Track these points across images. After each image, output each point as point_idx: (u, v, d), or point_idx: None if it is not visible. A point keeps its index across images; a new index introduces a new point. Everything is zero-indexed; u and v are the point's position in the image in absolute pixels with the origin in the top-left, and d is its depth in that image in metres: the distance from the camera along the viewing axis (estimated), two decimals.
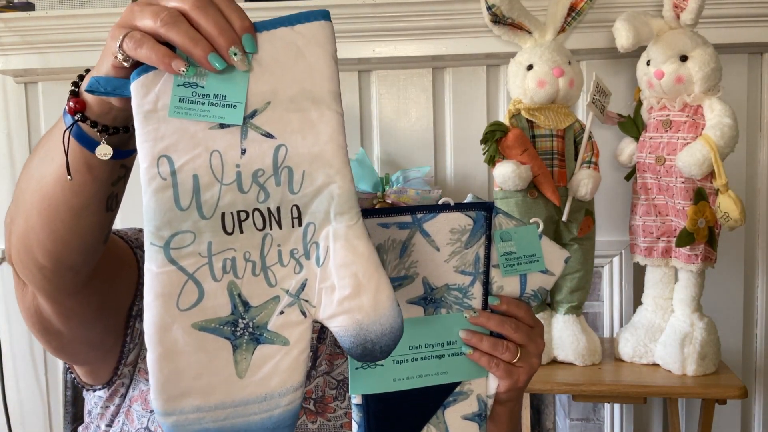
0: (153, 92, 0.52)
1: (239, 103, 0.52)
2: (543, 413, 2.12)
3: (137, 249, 0.88)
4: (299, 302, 0.56)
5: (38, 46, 1.78)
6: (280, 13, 2.00)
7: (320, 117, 0.55)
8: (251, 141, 0.53)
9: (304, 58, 0.54)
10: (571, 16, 1.61)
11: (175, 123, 0.52)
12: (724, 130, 1.46)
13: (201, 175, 0.53)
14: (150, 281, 0.53)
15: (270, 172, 0.54)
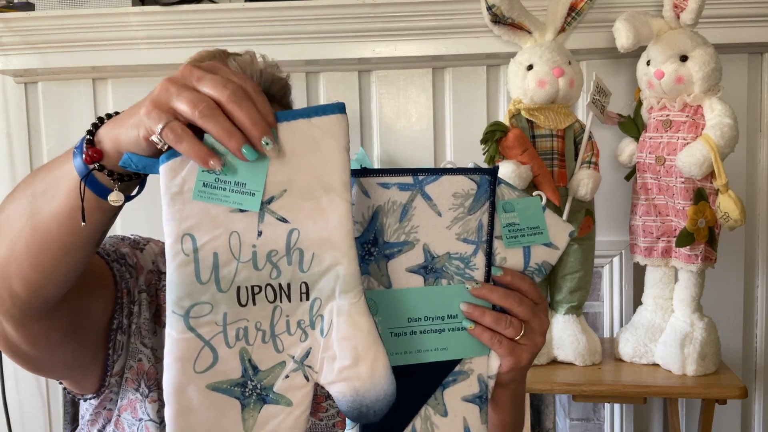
0: (180, 176, 0.57)
1: (257, 192, 0.58)
2: (543, 413, 2.12)
3: (114, 263, 0.87)
4: (303, 368, 0.61)
5: (38, 46, 1.78)
6: (280, 13, 1.98)
7: (330, 204, 0.59)
8: (267, 224, 0.59)
9: (320, 150, 0.58)
10: (571, 16, 1.61)
11: (199, 205, 0.58)
12: (724, 130, 1.46)
13: (220, 253, 0.58)
14: (170, 345, 0.59)
15: (283, 252, 0.59)
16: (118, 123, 0.61)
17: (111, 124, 0.62)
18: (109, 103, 1.88)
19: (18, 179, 1.92)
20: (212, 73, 0.57)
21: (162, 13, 1.74)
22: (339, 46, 1.77)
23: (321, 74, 1.85)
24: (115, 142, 0.60)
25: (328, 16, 1.73)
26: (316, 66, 1.83)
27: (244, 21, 1.73)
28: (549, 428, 2.10)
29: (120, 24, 1.74)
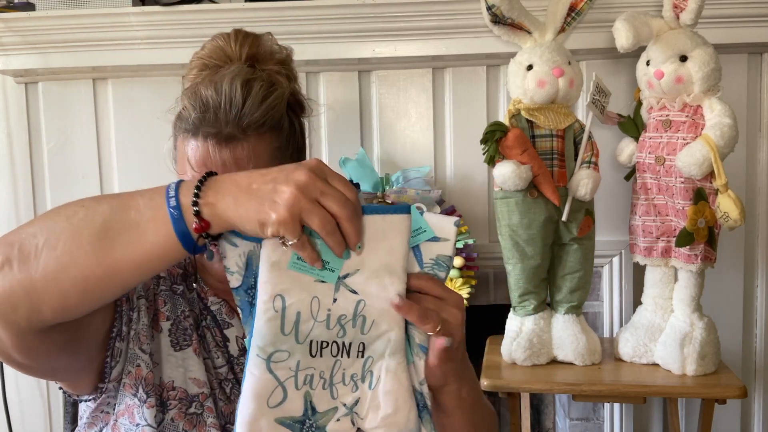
0: (280, 250, 0.72)
1: (337, 269, 0.73)
2: (543, 413, 2.12)
3: None
4: (352, 414, 0.74)
5: (38, 46, 1.78)
6: (280, 13, 1.98)
7: (391, 284, 0.74)
8: (341, 294, 0.74)
9: (387, 241, 0.74)
10: (570, 16, 1.61)
11: (292, 273, 0.72)
12: (724, 130, 1.46)
13: (302, 312, 0.73)
14: (251, 383, 0.72)
15: (350, 317, 0.74)
16: (234, 204, 0.69)
17: (222, 201, 0.69)
18: (109, 103, 1.88)
19: (18, 179, 1.92)
20: (326, 181, 0.69)
21: (162, 13, 1.74)
22: (339, 46, 1.77)
23: (321, 74, 1.85)
24: (227, 221, 0.69)
25: (328, 16, 1.73)
26: (316, 66, 1.83)
27: (244, 21, 1.73)
28: (549, 428, 2.10)
29: (120, 24, 1.75)
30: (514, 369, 1.60)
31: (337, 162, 1.81)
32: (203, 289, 1.00)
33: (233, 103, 0.87)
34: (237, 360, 0.98)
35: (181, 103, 0.92)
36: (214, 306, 0.99)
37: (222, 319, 0.99)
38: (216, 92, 0.87)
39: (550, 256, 1.63)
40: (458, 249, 1.82)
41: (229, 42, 0.94)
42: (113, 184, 1.91)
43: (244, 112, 0.88)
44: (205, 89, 0.88)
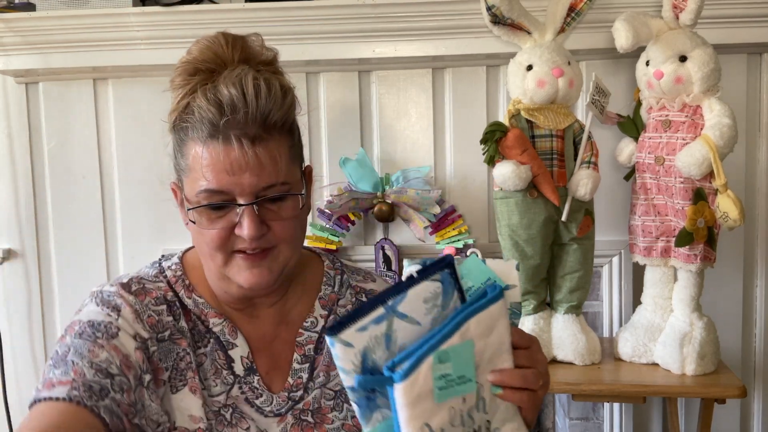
0: (417, 386, 0.71)
1: (472, 377, 0.74)
2: (542, 413, 2.12)
3: (101, 408, 0.83)
4: None
5: (39, 46, 1.78)
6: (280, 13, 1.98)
7: (501, 363, 0.77)
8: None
9: (497, 328, 0.75)
10: (570, 16, 1.62)
11: (431, 402, 0.72)
12: (724, 130, 1.47)
13: (446, 429, 0.74)
14: None
15: (474, 404, 0.76)
16: None
17: None
18: (109, 103, 1.88)
19: (19, 179, 1.92)
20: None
21: (162, 14, 1.74)
22: (339, 47, 1.77)
23: (321, 74, 1.85)
24: None
25: (328, 16, 1.73)
26: (316, 66, 1.83)
27: (244, 21, 1.73)
28: (548, 428, 2.10)
29: (120, 24, 1.75)
30: None
31: (338, 162, 1.82)
32: (203, 311, 0.98)
33: (259, 102, 0.86)
34: (244, 379, 0.97)
35: (187, 108, 0.89)
36: (216, 327, 0.97)
37: (226, 339, 0.97)
38: (239, 92, 0.86)
39: (549, 256, 1.63)
40: (458, 249, 1.83)
41: (220, 44, 0.91)
42: (113, 184, 1.91)
43: (270, 111, 0.87)
44: (227, 89, 0.86)
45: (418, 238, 1.85)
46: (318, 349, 1.01)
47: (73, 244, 1.93)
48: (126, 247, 1.92)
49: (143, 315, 0.93)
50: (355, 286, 1.07)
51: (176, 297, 0.97)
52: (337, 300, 1.05)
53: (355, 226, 1.86)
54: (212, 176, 0.87)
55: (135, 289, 0.95)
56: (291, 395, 0.99)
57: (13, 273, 1.96)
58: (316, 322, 1.02)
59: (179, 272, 0.99)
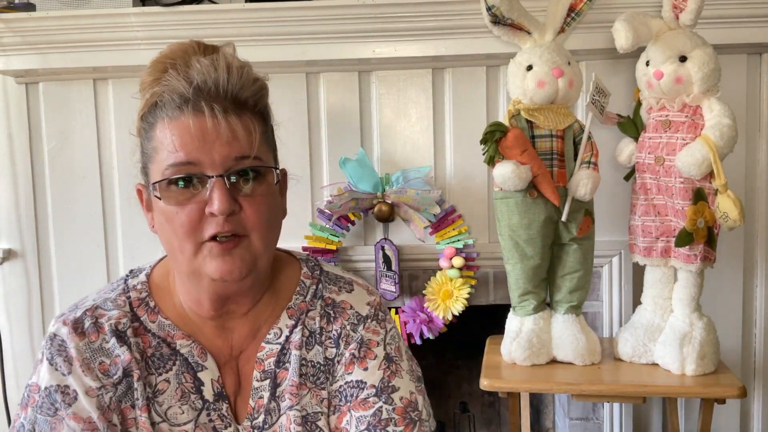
0: None
1: None
2: (542, 413, 2.12)
3: None
4: None
5: (39, 46, 1.78)
6: (280, 13, 1.98)
7: None
8: None
9: None
10: (570, 16, 1.62)
11: None
12: (723, 131, 1.47)
13: None
14: None
15: None
16: None
17: None
18: (109, 104, 1.88)
19: (19, 179, 1.92)
20: None
21: (162, 14, 1.74)
22: (339, 47, 1.77)
23: (321, 75, 1.85)
24: None
25: (328, 16, 1.73)
26: (316, 66, 1.83)
27: (244, 21, 1.73)
28: (548, 428, 2.10)
29: (120, 24, 1.75)
30: (513, 369, 1.60)
31: (338, 162, 1.82)
32: (169, 333, 0.93)
33: (230, 77, 0.84)
34: (213, 405, 0.92)
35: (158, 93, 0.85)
36: (184, 349, 0.93)
37: (195, 361, 0.93)
38: (210, 66, 0.84)
39: (549, 256, 1.63)
40: (458, 249, 1.83)
41: (191, 46, 0.88)
42: (113, 184, 1.91)
43: (242, 88, 0.85)
44: (199, 65, 0.84)
45: (418, 238, 1.86)
46: (279, 362, 0.95)
47: (73, 244, 1.93)
48: (126, 247, 1.92)
49: (94, 362, 0.90)
50: (327, 298, 0.99)
51: (137, 320, 0.93)
52: (307, 310, 0.97)
53: (355, 226, 1.86)
54: (180, 147, 0.83)
55: (87, 327, 0.91)
56: (254, 423, 0.93)
57: (13, 273, 1.96)
58: (280, 333, 0.95)
59: (144, 293, 0.95)
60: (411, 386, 0.96)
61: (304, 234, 1.85)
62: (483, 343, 1.79)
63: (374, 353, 0.95)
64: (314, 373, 0.95)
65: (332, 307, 0.98)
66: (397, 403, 0.93)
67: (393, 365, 0.96)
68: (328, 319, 0.97)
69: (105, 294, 0.96)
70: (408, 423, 0.93)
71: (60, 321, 0.93)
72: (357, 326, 0.96)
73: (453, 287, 1.82)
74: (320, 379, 0.95)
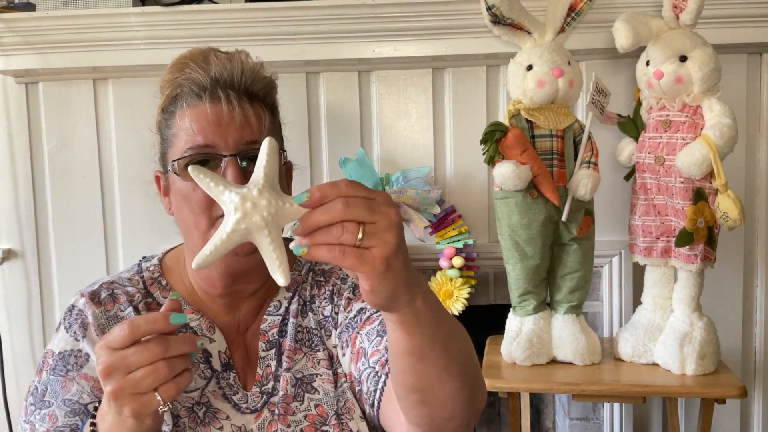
0: None
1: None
2: (542, 413, 2.12)
3: None
4: None
5: (39, 46, 1.78)
6: (280, 13, 1.99)
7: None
8: None
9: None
10: (570, 16, 1.62)
11: None
12: (724, 130, 1.47)
13: None
14: None
15: None
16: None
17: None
18: (109, 103, 1.88)
19: (19, 179, 1.92)
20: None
21: (162, 14, 1.74)
22: (339, 47, 1.77)
23: (321, 74, 1.85)
24: None
25: (328, 16, 1.73)
26: (316, 66, 1.83)
27: (244, 21, 1.73)
28: (548, 428, 2.10)
29: (120, 24, 1.75)
30: (514, 369, 1.60)
31: (338, 162, 1.82)
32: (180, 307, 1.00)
33: (245, 70, 0.94)
34: (221, 375, 0.98)
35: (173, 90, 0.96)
36: (193, 323, 0.99)
37: (203, 334, 0.99)
38: (226, 59, 0.94)
39: (549, 256, 1.63)
40: (458, 249, 1.83)
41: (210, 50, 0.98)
42: (113, 184, 1.91)
43: (255, 80, 0.95)
44: (215, 58, 0.94)
45: (418, 238, 1.85)
46: (282, 332, 1.02)
47: (73, 244, 1.93)
48: (126, 247, 1.92)
49: (108, 329, 0.95)
50: (317, 269, 1.09)
51: (150, 297, 1.00)
52: (301, 282, 1.07)
53: None
54: (199, 131, 0.92)
55: (103, 297, 0.99)
56: (263, 389, 0.99)
57: (13, 273, 1.96)
58: (279, 305, 1.04)
59: (156, 273, 1.03)
60: None
61: None
62: (483, 343, 1.79)
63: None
64: (309, 338, 1.03)
65: (322, 274, 1.08)
66: None
67: None
68: (318, 285, 1.07)
69: (120, 274, 1.04)
70: None
71: (78, 294, 1.00)
72: (346, 279, 1.06)
73: (453, 287, 1.82)
74: (314, 342, 1.03)
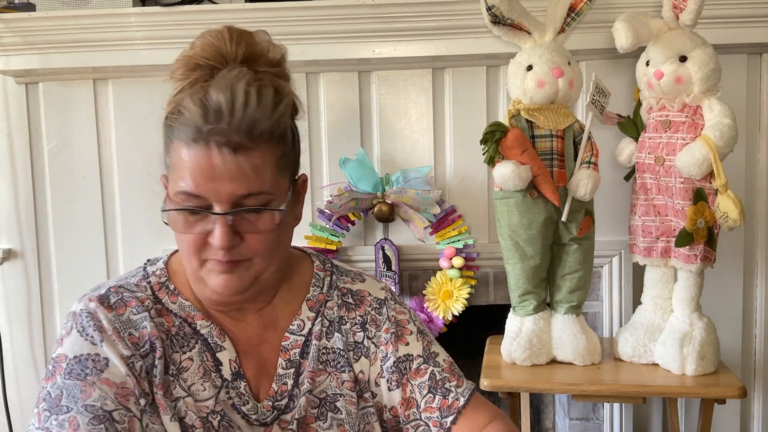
0: None
1: None
2: (543, 413, 2.12)
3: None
4: None
5: (39, 46, 1.78)
6: (280, 13, 1.99)
7: None
8: None
9: None
10: (570, 16, 1.62)
11: None
12: (724, 131, 1.47)
13: None
14: None
15: None
16: None
17: None
18: (109, 104, 1.88)
19: (19, 179, 1.92)
20: None
21: (162, 14, 1.74)
22: (339, 47, 1.77)
23: (321, 74, 1.85)
24: None
25: (328, 16, 1.73)
26: (316, 66, 1.83)
27: (244, 21, 1.73)
28: (548, 428, 2.10)
29: (120, 24, 1.75)
30: (514, 369, 1.60)
31: (338, 162, 1.82)
32: (189, 314, 0.96)
33: (247, 111, 0.83)
34: (231, 384, 0.96)
35: (176, 106, 0.87)
36: (204, 329, 0.96)
37: (214, 342, 0.96)
38: (228, 99, 0.83)
39: (549, 256, 1.63)
40: (458, 249, 1.83)
41: (224, 40, 0.88)
42: (113, 184, 1.91)
43: (258, 121, 0.83)
44: (216, 94, 0.83)
45: (418, 239, 1.86)
46: (304, 353, 0.99)
47: (73, 244, 1.93)
48: (126, 247, 1.92)
49: (123, 333, 0.91)
50: (342, 288, 1.05)
51: (159, 303, 0.96)
52: (325, 301, 1.03)
53: (355, 226, 1.86)
54: (191, 179, 0.84)
55: (114, 302, 0.93)
56: (276, 404, 0.97)
57: (13, 273, 1.96)
58: (303, 325, 1.01)
59: (163, 278, 0.98)
60: (443, 350, 1.08)
61: (304, 234, 1.85)
62: (483, 343, 1.79)
63: (409, 329, 1.05)
64: (334, 358, 1.01)
65: (350, 295, 1.05)
66: (443, 365, 1.04)
67: (426, 337, 1.06)
68: (347, 307, 1.04)
69: (125, 279, 0.98)
70: (458, 377, 1.04)
71: (85, 299, 0.93)
72: (380, 309, 1.04)
73: (453, 287, 1.82)
74: (340, 363, 1.01)
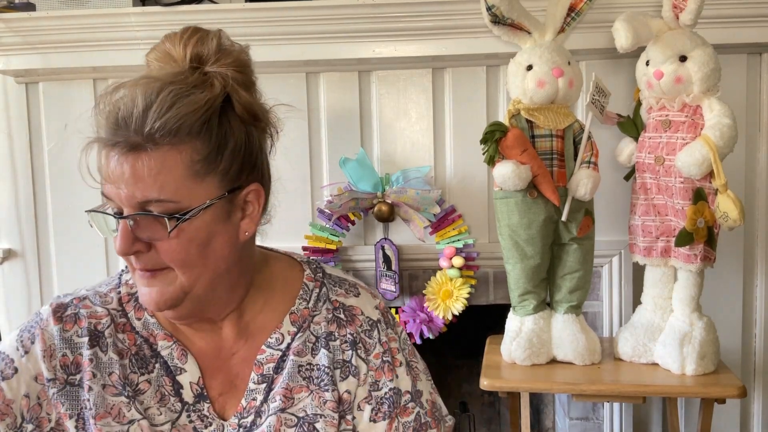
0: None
1: None
2: (542, 412, 2.13)
3: None
4: None
5: (39, 46, 1.78)
6: (280, 13, 1.99)
7: None
8: None
9: None
10: (570, 16, 1.62)
11: None
12: (723, 130, 1.47)
13: None
14: None
15: None
16: None
17: None
18: None
19: (19, 179, 1.92)
20: None
21: (162, 14, 1.74)
22: (339, 47, 1.77)
23: (321, 74, 1.85)
24: None
25: (328, 16, 1.73)
26: (316, 66, 1.83)
27: (244, 21, 1.73)
28: (548, 427, 2.10)
29: (120, 24, 1.75)
30: (513, 368, 1.60)
31: (338, 162, 1.82)
32: (152, 332, 0.93)
33: (135, 110, 0.81)
34: (193, 407, 0.91)
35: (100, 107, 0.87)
36: (164, 351, 0.92)
37: (173, 364, 0.92)
38: (127, 101, 0.82)
39: (549, 256, 1.63)
40: (458, 249, 1.83)
41: (174, 43, 0.87)
42: None
43: (148, 120, 0.80)
44: (117, 97, 0.83)
45: (418, 238, 1.86)
46: (278, 368, 0.94)
47: (73, 244, 1.93)
48: None
49: (57, 353, 0.89)
50: (335, 301, 0.99)
51: (125, 316, 0.93)
52: (311, 316, 0.97)
53: (355, 226, 1.86)
54: (103, 179, 0.86)
55: (68, 314, 0.91)
56: (241, 421, 0.92)
57: (13, 273, 1.96)
58: (282, 339, 0.95)
59: (134, 289, 0.94)
60: (429, 387, 1.02)
61: (304, 234, 1.85)
62: (483, 343, 1.79)
63: (398, 360, 0.99)
64: (318, 375, 0.94)
65: (342, 311, 0.98)
66: (426, 407, 0.99)
67: (413, 370, 1.01)
68: (338, 323, 0.97)
69: (99, 288, 0.96)
70: (437, 423, 1.00)
71: (51, 302, 0.93)
72: (371, 332, 0.98)
73: (453, 287, 1.82)
74: (324, 381, 0.94)
